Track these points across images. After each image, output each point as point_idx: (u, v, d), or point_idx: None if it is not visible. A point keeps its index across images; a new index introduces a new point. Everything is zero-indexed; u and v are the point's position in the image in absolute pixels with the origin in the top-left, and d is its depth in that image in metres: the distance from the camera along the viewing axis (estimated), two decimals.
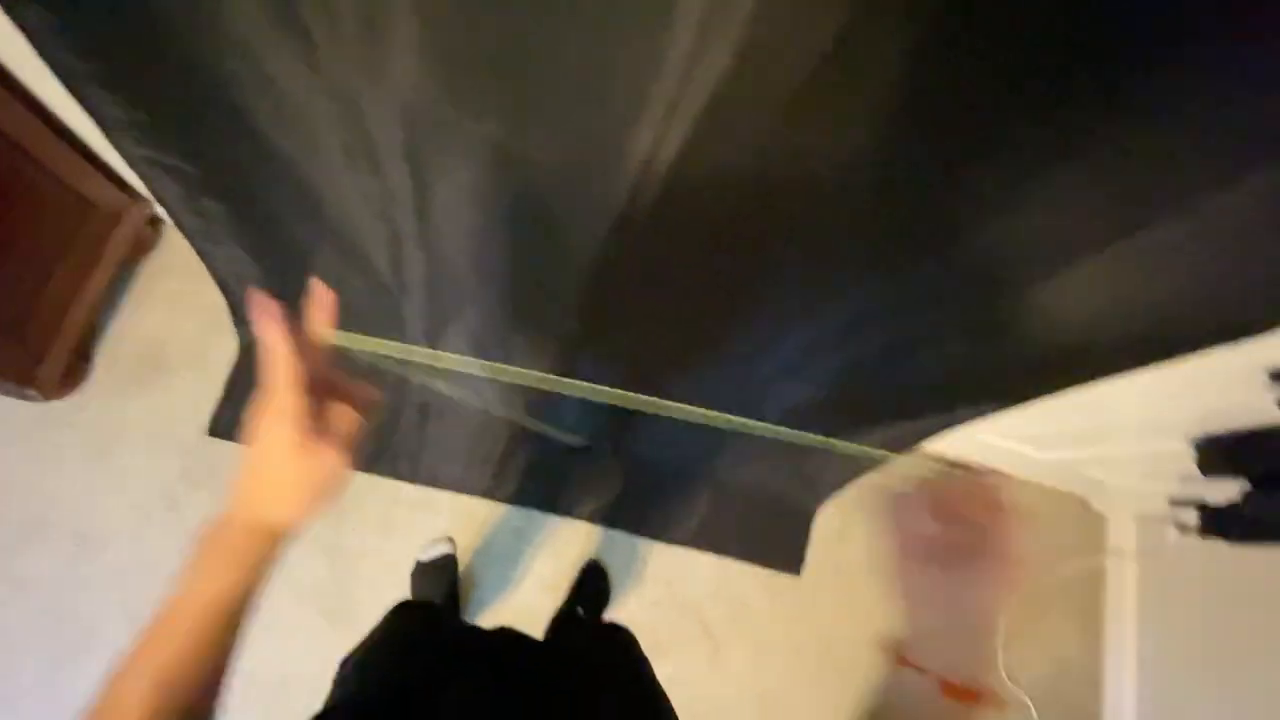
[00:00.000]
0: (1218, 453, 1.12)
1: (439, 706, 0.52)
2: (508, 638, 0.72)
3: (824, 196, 0.63)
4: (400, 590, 1.31)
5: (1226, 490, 1.20)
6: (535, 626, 1.34)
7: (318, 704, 0.59)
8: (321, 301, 0.47)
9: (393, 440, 1.36)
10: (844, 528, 1.56)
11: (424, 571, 1.31)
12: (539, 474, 1.41)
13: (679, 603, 1.46)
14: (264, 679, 1.25)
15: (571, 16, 0.49)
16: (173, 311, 1.36)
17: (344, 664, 0.70)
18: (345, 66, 0.62)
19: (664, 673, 0.74)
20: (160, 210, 1.38)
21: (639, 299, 0.90)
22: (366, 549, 1.33)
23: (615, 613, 1.40)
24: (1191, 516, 1.36)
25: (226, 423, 1.30)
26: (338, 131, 0.73)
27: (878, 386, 1.00)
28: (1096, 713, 1.68)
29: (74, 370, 1.28)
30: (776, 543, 1.52)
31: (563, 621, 1.32)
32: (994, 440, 1.41)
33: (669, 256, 0.78)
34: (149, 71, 0.72)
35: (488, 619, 1.36)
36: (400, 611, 0.84)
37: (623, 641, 0.76)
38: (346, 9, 0.55)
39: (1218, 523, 1.27)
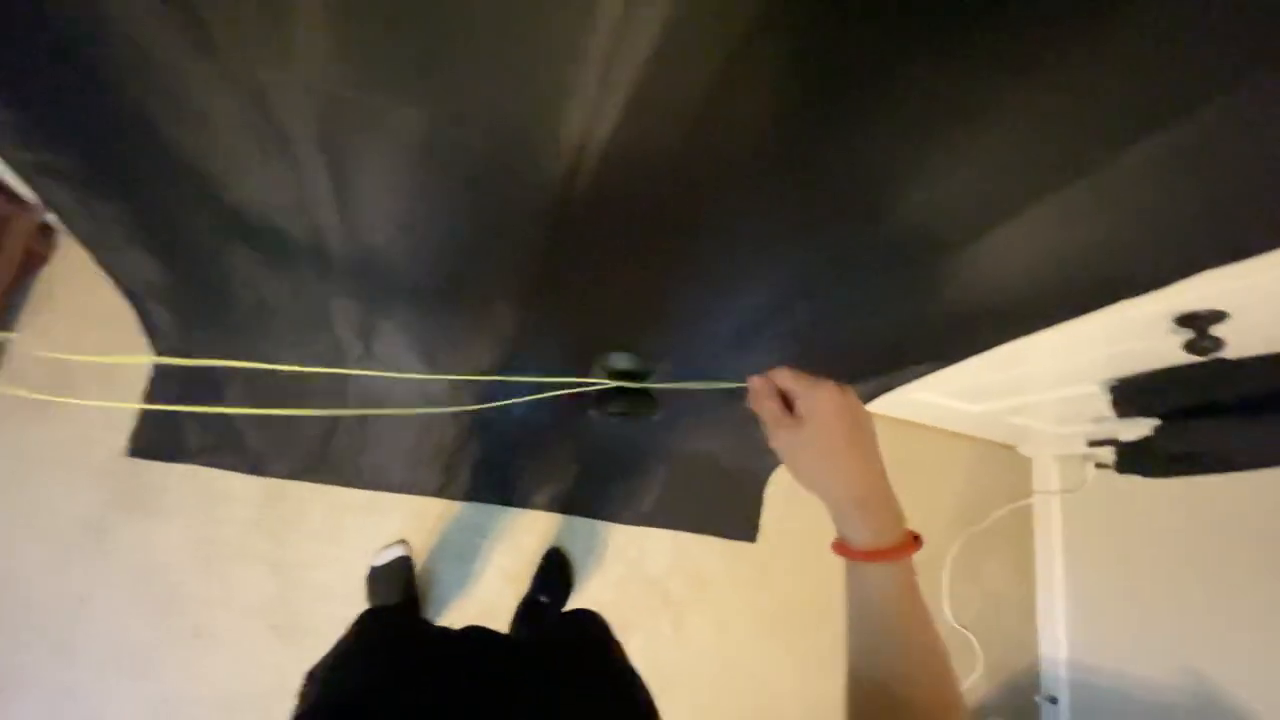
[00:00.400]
0: (1129, 394, 1.21)
1: (410, 709, 0.51)
2: (477, 636, 0.71)
3: (756, 166, 0.63)
4: (353, 599, 1.27)
5: (1139, 428, 1.30)
6: (500, 618, 1.34)
7: None
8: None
9: (331, 444, 1.31)
10: (794, 488, 1.60)
11: (379, 577, 1.27)
12: (490, 467, 1.39)
13: (641, 579, 1.48)
14: (212, 699, 1.20)
15: None
16: (76, 326, 1.25)
17: (310, 676, 0.68)
18: (245, 50, 0.57)
19: (632, 646, 0.75)
20: (52, 218, 1.27)
21: (579, 278, 0.89)
22: (314, 559, 1.28)
23: (580, 595, 1.41)
24: (1108, 455, 1.46)
25: (146, 442, 1.22)
26: (243, 122, 0.68)
27: (820, 352, 1.02)
28: (1033, 641, 1.81)
29: None
30: (731, 513, 1.55)
31: (528, 612, 1.31)
32: (928, 397, 1.48)
33: (608, 232, 0.76)
34: (26, 66, 0.65)
35: (451, 616, 1.34)
36: (367, 618, 0.82)
37: (593, 629, 0.76)
38: None
39: (1133, 459, 1.37)
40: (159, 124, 0.70)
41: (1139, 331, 1.01)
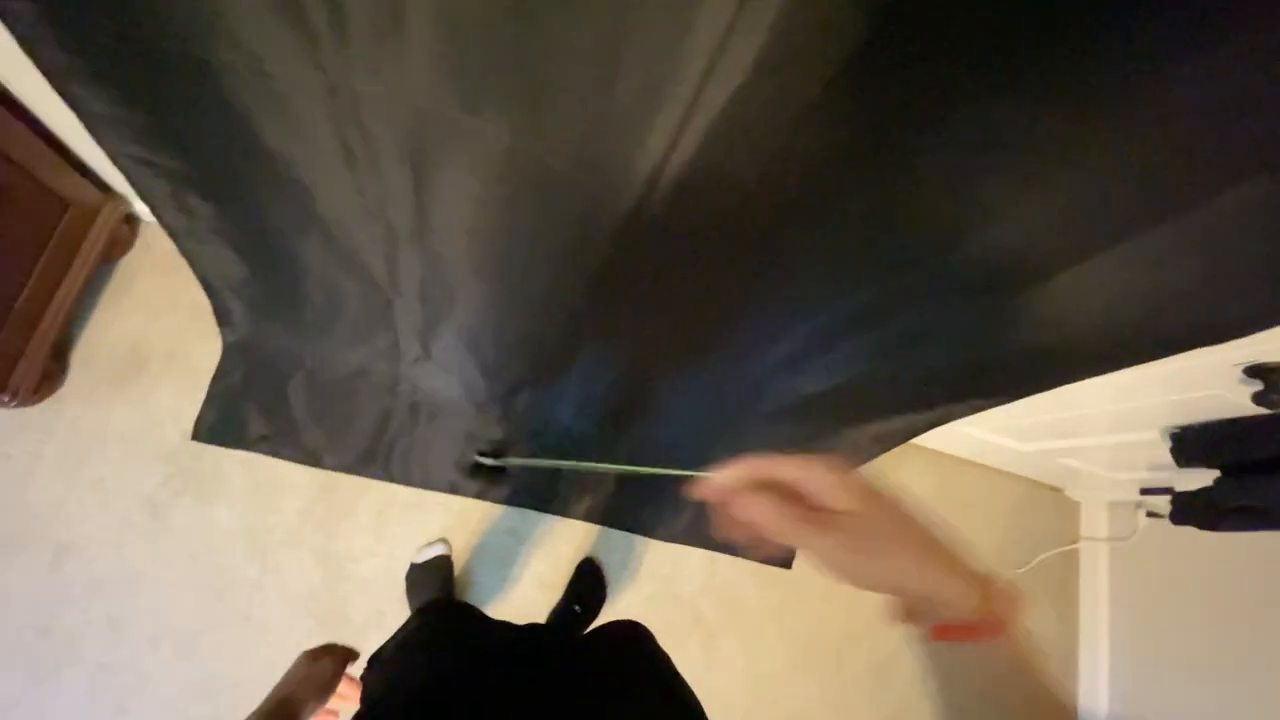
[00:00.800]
0: (1191, 443, 1.17)
1: (476, 703, 0.52)
2: (538, 634, 0.73)
3: (831, 201, 0.64)
4: (395, 593, 1.30)
5: (1197, 479, 1.25)
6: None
7: None
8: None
9: (383, 442, 1.34)
10: None
11: (419, 573, 1.30)
12: (533, 474, 1.41)
13: (673, 598, 1.47)
14: (252, 684, 1.23)
15: (589, 11, 0.49)
16: (151, 312, 1.32)
17: (372, 661, 0.71)
18: (350, 65, 0.61)
19: None
20: (137, 208, 1.35)
21: (639, 297, 0.90)
22: (360, 552, 1.31)
23: (611, 609, 1.41)
24: (1163, 504, 1.42)
25: (210, 427, 1.27)
26: (337, 131, 0.71)
27: (874, 382, 1.02)
28: (1071, 691, 1.74)
29: (50, 375, 1.23)
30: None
31: (561, 621, 1.32)
32: (977, 433, 1.45)
33: (673, 258, 0.78)
34: (140, 68, 0.70)
35: None
36: (431, 609, 0.84)
37: (646, 639, 0.77)
38: (355, 6, 0.54)
39: (1189, 510, 1.33)
40: (260, 129, 0.74)
41: (1205, 380, 0.98)
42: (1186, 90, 0.46)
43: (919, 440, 1.42)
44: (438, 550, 1.31)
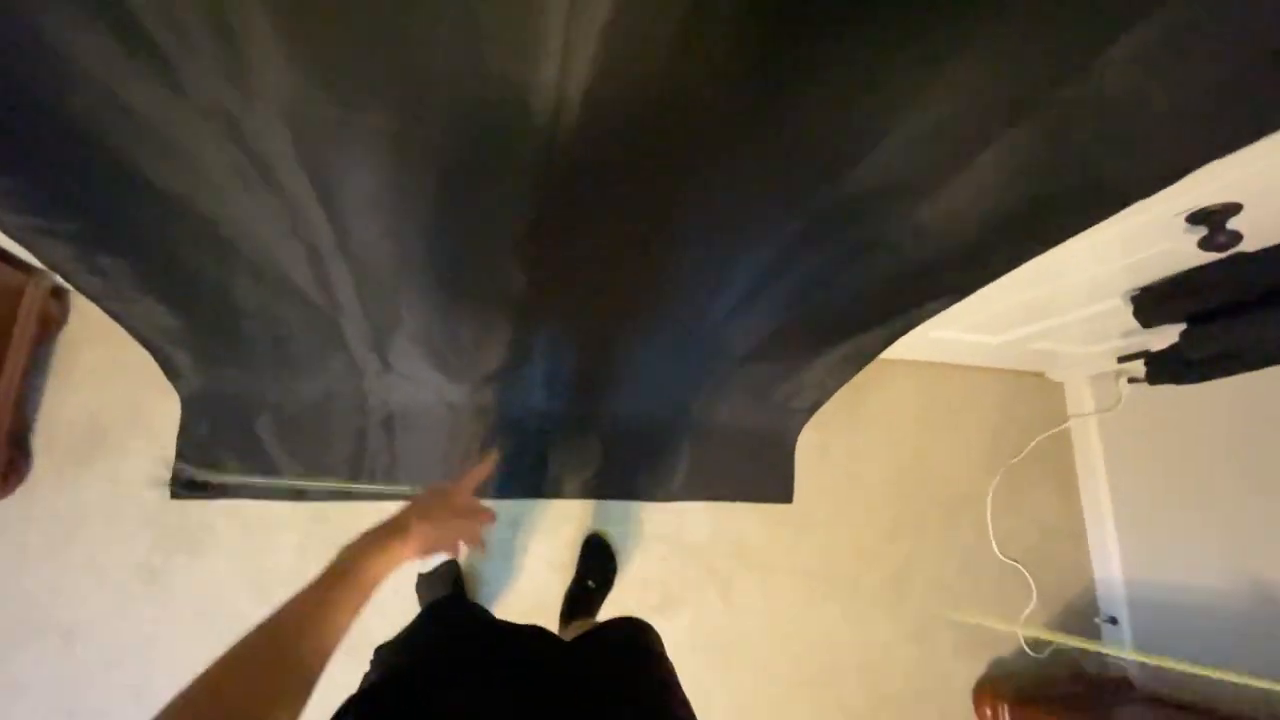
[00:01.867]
0: (1152, 302, 1.18)
1: (464, 700, 0.53)
2: (537, 636, 0.73)
3: (731, 122, 0.62)
4: (403, 605, 1.31)
5: (1167, 337, 1.27)
6: (551, 608, 1.36)
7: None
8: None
9: (364, 462, 1.33)
10: (824, 442, 1.60)
11: (427, 581, 1.30)
12: (520, 462, 1.41)
13: (684, 553, 1.49)
14: None
15: None
16: (101, 381, 1.29)
17: (378, 651, 0.73)
18: (211, 82, 0.58)
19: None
20: (61, 279, 1.30)
21: (574, 260, 0.88)
22: None
23: (624, 576, 1.42)
24: (1138, 368, 1.43)
25: (186, 483, 1.26)
26: (220, 153, 0.69)
27: (825, 307, 1.01)
28: (1086, 565, 1.79)
29: (15, 465, 1.21)
30: (764, 477, 1.56)
31: (576, 598, 1.34)
32: (947, 334, 1.46)
33: (594, 204, 0.76)
34: (8, 134, 0.67)
35: (501, 610, 1.36)
36: (436, 606, 0.84)
37: (644, 644, 0.77)
38: (193, 21, 0.51)
39: (1163, 368, 1.34)
40: (145, 170, 0.72)
41: (1153, 236, 0.98)
42: None
43: (896, 354, 1.43)
44: (443, 555, 1.31)
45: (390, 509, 1.28)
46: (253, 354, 1.13)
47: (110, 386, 1.29)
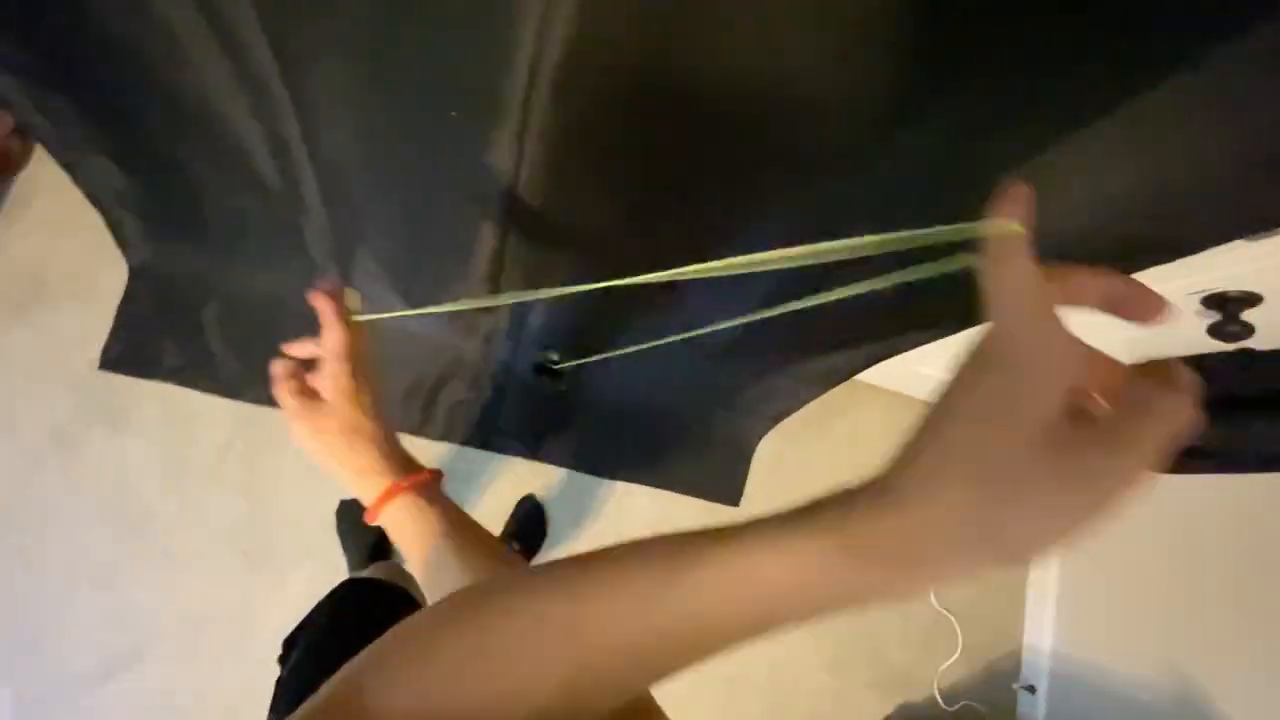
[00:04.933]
0: None
1: None
2: None
3: (739, 87, 0.56)
4: (323, 529, 1.26)
5: None
6: None
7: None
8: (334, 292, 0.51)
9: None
10: (780, 452, 1.56)
11: (349, 508, 1.26)
12: (470, 410, 1.36)
13: (619, 535, 1.44)
14: (178, 618, 1.20)
15: None
16: (51, 233, 1.23)
17: (286, 644, 0.68)
18: None
19: None
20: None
21: (556, 214, 0.82)
22: (286, 487, 1.27)
23: (554, 549, 1.38)
24: None
25: (119, 355, 1.20)
26: (185, 13, 0.62)
27: (823, 312, 0.96)
28: (1017, 628, 1.77)
29: None
30: (716, 475, 1.51)
31: None
32: (929, 372, 1.41)
33: (583, 154, 0.70)
34: None
35: None
36: (342, 591, 0.78)
37: None
38: None
39: None
40: (101, 13, 0.65)
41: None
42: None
43: (875, 379, 1.38)
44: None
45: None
46: (205, 236, 1.07)
47: (61, 241, 1.23)
